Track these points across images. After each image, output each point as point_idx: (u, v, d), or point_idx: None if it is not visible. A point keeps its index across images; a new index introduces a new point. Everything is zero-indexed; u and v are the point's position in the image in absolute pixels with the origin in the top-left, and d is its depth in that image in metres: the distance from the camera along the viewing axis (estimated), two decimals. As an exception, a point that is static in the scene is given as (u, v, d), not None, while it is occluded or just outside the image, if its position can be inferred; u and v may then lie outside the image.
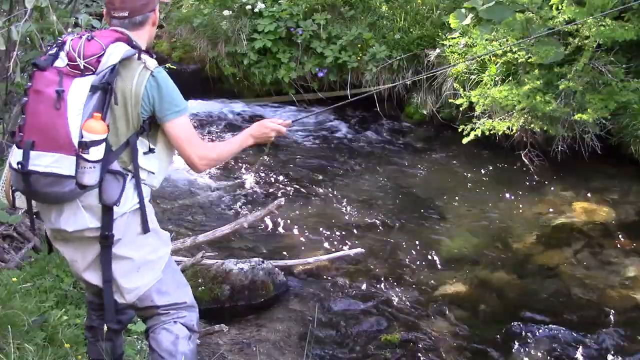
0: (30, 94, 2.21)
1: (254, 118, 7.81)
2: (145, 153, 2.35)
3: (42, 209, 2.35)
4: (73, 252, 2.38)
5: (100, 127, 2.17)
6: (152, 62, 2.29)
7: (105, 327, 2.61)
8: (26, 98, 2.21)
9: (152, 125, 2.34)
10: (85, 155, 2.16)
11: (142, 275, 2.39)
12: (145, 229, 2.37)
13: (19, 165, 2.17)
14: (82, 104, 2.16)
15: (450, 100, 6.85)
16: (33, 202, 2.34)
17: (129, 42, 2.27)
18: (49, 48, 2.27)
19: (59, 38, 2.31)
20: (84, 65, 2.18)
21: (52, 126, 2.16)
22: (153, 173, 2.40)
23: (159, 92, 2.28)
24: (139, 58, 2.26)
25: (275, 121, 2.63)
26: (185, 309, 2.49)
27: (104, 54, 2.19)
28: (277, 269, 4.41)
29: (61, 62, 2.22)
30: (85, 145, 2.15)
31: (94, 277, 2.39)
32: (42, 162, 2.16)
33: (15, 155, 2.21)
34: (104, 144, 2.19)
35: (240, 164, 6.50)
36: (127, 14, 2.32)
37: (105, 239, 2.30)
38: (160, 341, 2.43)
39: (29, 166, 2.16)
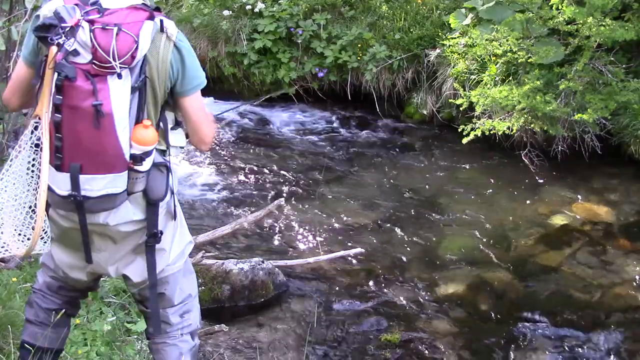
0: (63, 110, 1.92)
1: (254, 118, 7.83)
2: (172, 129, 2.16)
3: None
4: (102, 244, 2.19)
5: (152, 136, 1.98)
6: (172, 29, 2.02)
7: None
8: (59, 115, 1.92)
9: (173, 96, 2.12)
10: (138, 168, 1.99)
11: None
12: (175, 213, 2.22)
13: (72, 197, 1.98)
14: (127, 113, 1.93)
15: (450, 100, 6.86)
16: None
17: (150, 12, 1.98)
18: (54, 39, 1.91)
19: (53, 19, 1.92)
20: (119, 66, 1.91)
21: (100, 147, 1.93)
22: (182, 147, 2.21)
23: (183, 66, 2.06)
24: (162, 29, 1.99)
25: None
26: (190, 303, 2.40)
27: (137, 47, 1.92)
28: (277, 269, 4.41)
29: (82, 57, 1.91)
30: (139, 159, 1.98)
31: (115, 271, 2.24)
32: (95, 186, 1.97)
33: (57, 181, 1.99)
34: (155, 151, 2.03)
35: (240, 164, 6.51)
36: None
37: (154, 237, 2.14)
38: (166, 358, 2.37)
39: (82, 192, 1.98)
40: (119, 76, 1.91)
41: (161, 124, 2.10)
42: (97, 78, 1.91)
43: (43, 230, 2.08)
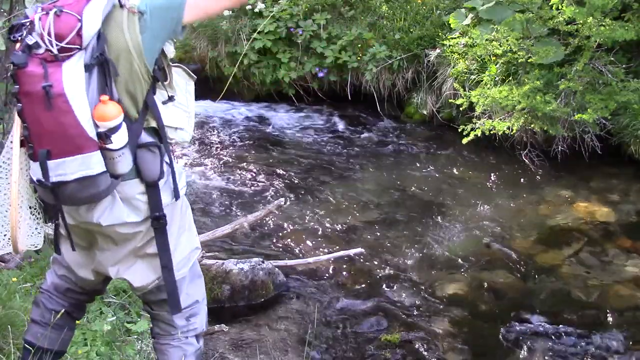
0: (21, 98, 1.92)
1: (254, 118, 7.83)
2: (164, 103, 2.10)
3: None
4: (104, 244, 2.18)
5: (113, 110, 1.90)
6: (133, 0, 1.98)
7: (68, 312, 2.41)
8: (20, 104, 1.93)
9: (162, 68, 2.09)
10: (109, 146, 1.92)
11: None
12: (177, 194, 2.15)
13: (39, 182, 1.94)
14: (83, 91, 1.87)
15: (450, 100, 6.86)
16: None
17: None
18: (16, 36, 1.94)
19: (22, 18, 1.96)
20: (61, 48, 1.87)
21: (61, 128, 1.89)
22: (182, 129, 2.16)
23: (154, 26, 1.98)
24: (121, 5, 1.94)
25: None
26: (197, 307, 2.40)
27: (82, 24, 1.87)
28: (277, 269, 4.41)
29: (42, 48, 1.90)
30: (105, 136, 1.90)
31: (115, 273, 2.21)
32: (67, 169, 1.91)
33: (34, 170, 1.97)
34: (124, 126, 1.93)
35: (240, 164, 6.51)
36: None
37: (157, 221, 2.09)
38: (169, 358, 2.37)
39: (52, 178, 1.93)
40: (69, 56, 1.88)
41: (150, 105, 2.05)
42: (51, 62, 1.89)
43: (32, 226, 2.09)
